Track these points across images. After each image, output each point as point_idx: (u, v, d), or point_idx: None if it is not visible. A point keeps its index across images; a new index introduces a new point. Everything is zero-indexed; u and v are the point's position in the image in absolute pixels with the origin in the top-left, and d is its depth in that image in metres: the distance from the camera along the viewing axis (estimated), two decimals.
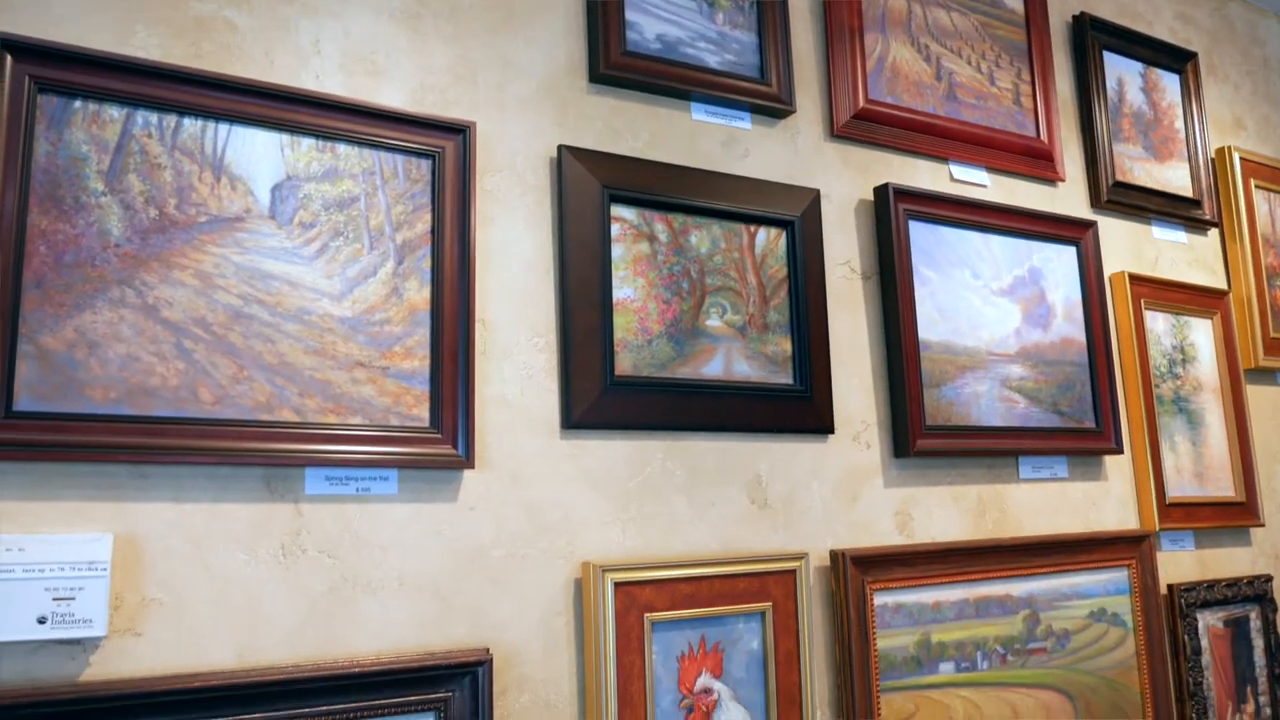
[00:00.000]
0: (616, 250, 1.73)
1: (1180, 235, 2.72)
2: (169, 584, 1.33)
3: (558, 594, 1.60)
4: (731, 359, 1.81)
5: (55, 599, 1.22)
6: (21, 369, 1.26)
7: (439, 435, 1.50)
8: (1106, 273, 2.50)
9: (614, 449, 1.69)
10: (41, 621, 1.21)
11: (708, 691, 1.66)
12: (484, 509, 1.56)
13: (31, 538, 1.23)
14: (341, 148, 1.51)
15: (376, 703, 1.40)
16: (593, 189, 1.71)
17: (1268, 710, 2.57)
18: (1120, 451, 2.34)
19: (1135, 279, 2.51)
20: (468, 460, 1.51)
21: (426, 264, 1.55)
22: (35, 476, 1.27)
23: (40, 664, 1.24)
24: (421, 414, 1.51)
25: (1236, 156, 2.85)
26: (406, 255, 1.54)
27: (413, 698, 1.42)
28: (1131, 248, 2.59)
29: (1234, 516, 2.60)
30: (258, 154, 1.45)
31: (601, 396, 1.66)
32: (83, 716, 1.23)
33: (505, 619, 1.55)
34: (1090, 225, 2.40)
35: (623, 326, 1.71)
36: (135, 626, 1.30)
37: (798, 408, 1.87)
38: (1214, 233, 2.82)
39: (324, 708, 1.36)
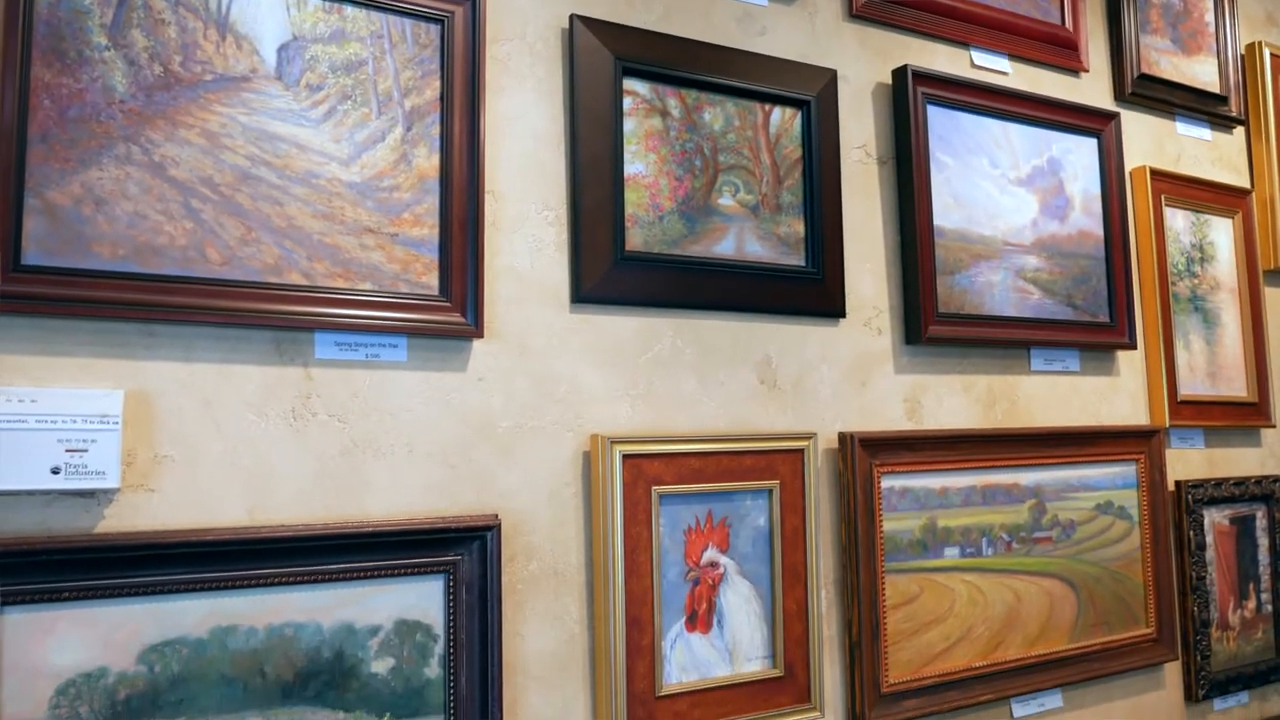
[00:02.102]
0: (628, 124, 1.70)
1: (1204, 132, 2.67)
2: (180, 442, 1.34)
3: (566, 466, 1.61)
4: (744, 239, 1.79)
5: (68, 450, 1.23)
6: (29, 223, 1.25)
7: (448, 304, 1.50)
8: (1127, 167, 2.45)
9: (623, 325, 1.68)
10: (55, 472, 1.22)
11: (714, 565, 1.68)
12: (493, 380, 1.56)
13: (43, 390, 1.23)
14: (349, 9, 1.48)
15: (387, 563, 1.42)
16: (605, 61, 1.68)
17: (1269, 607, 2.59)
18: (1133, 347, 2.33)
19: (1156, 174, 2.47)
20: (477, 329, 1.51)
21: (435, 131, 1.53)
22: (45, 331, 1.27)
23: (55, 516, 1.26)
24: (430, 282, 1.50)
25: (1267, 53, 2.78)
26: (415, 122, 1.52)
27: (423, 560, 1.44)
28: (1154, 143, 2.54)
29: (1245, 416, 2.59)
30: (263, 13, 1.42)
31: (611, 271, 1.65)
32: (99, 564, 1.25)
33: (514, 488, 1.56)
34: (1113, 117, 2.36)
35: (634, 202, 1.69)
36: (148, 482, 1.32)
37: (809, 290, 1.86)
38: (1239, 131, 2.77)
39: (335, 565, 1.38)
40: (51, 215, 1.27)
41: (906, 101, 2.01)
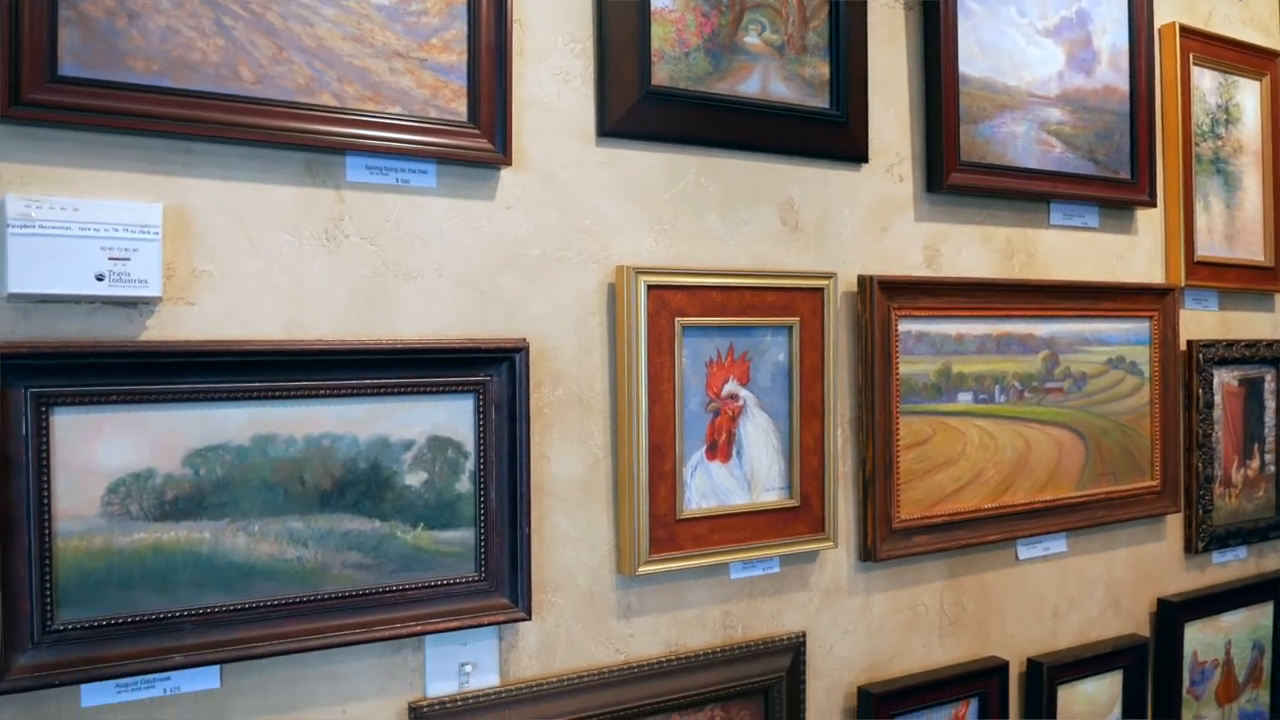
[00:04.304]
0: None
1: None
2: (217, 258, 1.37)
3: (591, 296, 1.64)
4: (768, 78, 1.79)
5: (111, 259, 1.26)
6: (63, 34, 1.26)
7: (476, 130, 1.51)
8: (1157, 23, 2.41)
9: (649, 160, 1.70)
10: (100, 279, 1.25)
11: (734, 397, 1.73)
12: (520, 209, 1.58)
13: (85, 201, 1.26)
14: None
15: (419, 380, 1.46)
16: None
17: (1272, 467, 2.65)
18: (1153, 205, 2.33)
19: (1186, 31, 2.43)
20: (505, 157, 1.52)
21: None
22: (85, 145, 1.29)
23: (99, 324, 1.30)
24: (459, 108, 1.51)
25: None
26: None
27: (454, 378, 1.49)
28: (1185, 0, 2.50)
29: (1261, 280, 2.61)
30: None
31: (637, 105, 1.65)
32: (143, 370, 1.29)
33: (541, 316, 1.59)
34: None
35: (660, 36, 1.68)
36: (187, 296, 1.35)
37: (833, 133, 1.86)
38: None
39: (369, 381, 1.43)
40: (86, 26, 1.27)
41: None
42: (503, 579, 1.53)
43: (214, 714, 1.38)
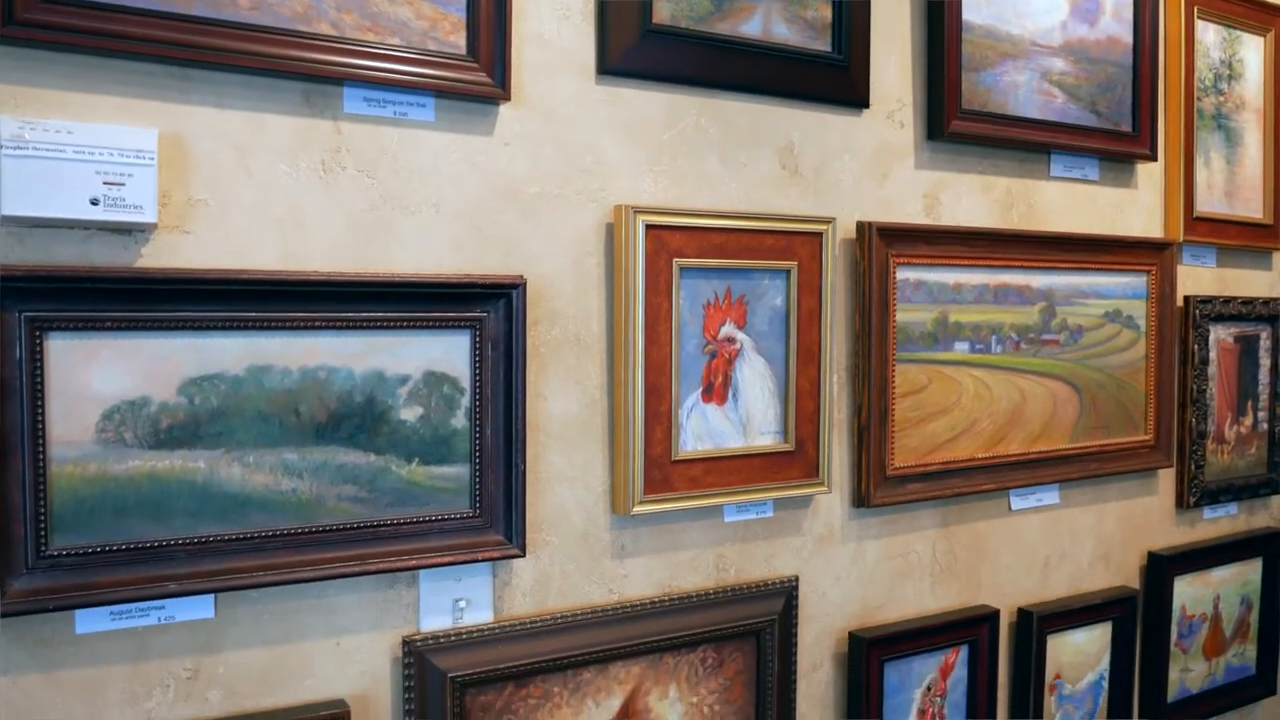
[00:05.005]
0: None
1: None
2: (214, 187, 1.36)
3: (589, 236, 1.63)
4: (770, 19, 1.77)
5: (106, 183, 1.25)
6: None
7: (475, 64, 1.50)
8: None
9: (648, 100, 1.68)
10: (95, 203, 1.24)
11: (731, 340, 1.72)
12: (519, 146, 1.57)
13: (80, 124, 1.24)
14: None
15: (416, 314, 1.46)
16: None
17: (1265, 425, 2.66)
18: (1154, 159, 2.32)
19: None
20: (504, 92, 1.51)
21: None
22: (80, 68, 1.28)
23: (94, 251, 1.29)
24: (458, 41, 1.49)
25: None
26: None
27: (450, 314, 1.48)
28: None
29: (1259, 238, 2.60)
30: None
31: (638, 43, 1.64)
32: (138, 296, 1.29)
33: (538, 254, 1.59)
34: None
35: None
36: (183, 225, 1.34)
37: (834, 77, 1.84)
38: None
39: (366, 313, 1.42)
40: None
41: None
42: (497, 516, 1.53)
43: (208, 644, 1.38)
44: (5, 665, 1.27)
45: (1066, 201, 2.23)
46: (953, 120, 1.97)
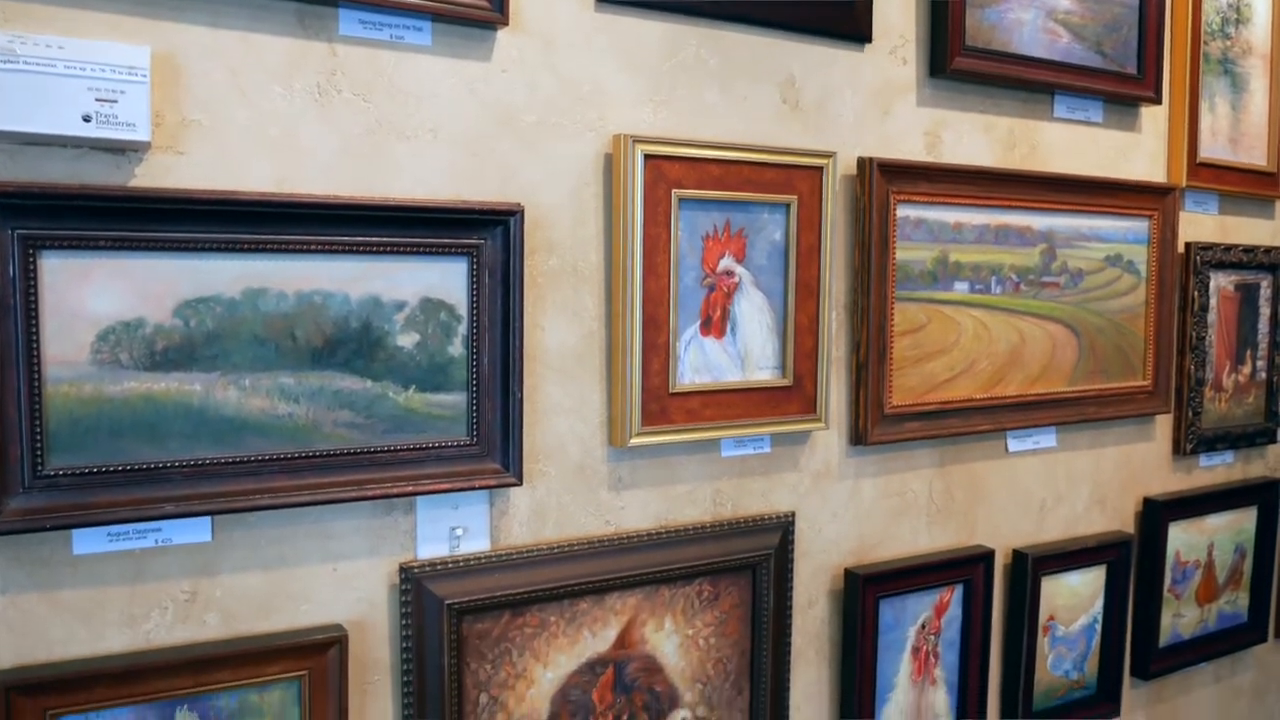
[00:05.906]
0: None
1: None
2: (207, 107, 1.35)
3: (587, 166, 1.62)
4: None
5: (98, 100, 1.23)
6: None
7: None
8: None
9: (648, 29, 1.66)
10: (87, 120, 1.22)
11: (729, 273, 1.72)
12: (516, 72, 1.55)
13: (71, 40, 1.22)
14: None
15: (412, 239, 1.44)
16: None
17: (1263, 374, 2.66)
18: (1158, 102, 2.30)
19: None
20: (502, 17, 1.49)
21: None
22: None
23: (86, 170, 1.27)
24: None
25: None
26: None
27: (447, 240, 1.47)
28: None
29: (1262, 186, 2.59)
30: None
31: None
32: (132, 215, 1.27)
33: (536, 183, 1.57)
34: None
35: None
36: (176, 145, 1.33)
37: (837, 11, 1.82)
38: None
39: (361, 238, 1.41)
40: None
41: None
42: (494, 444, 1.53)
43: (205, 567, 1.38)
44: (4, 584, 1.27)
45: (1069, 143, 2.21)
46: (955, 57, 1.95)
